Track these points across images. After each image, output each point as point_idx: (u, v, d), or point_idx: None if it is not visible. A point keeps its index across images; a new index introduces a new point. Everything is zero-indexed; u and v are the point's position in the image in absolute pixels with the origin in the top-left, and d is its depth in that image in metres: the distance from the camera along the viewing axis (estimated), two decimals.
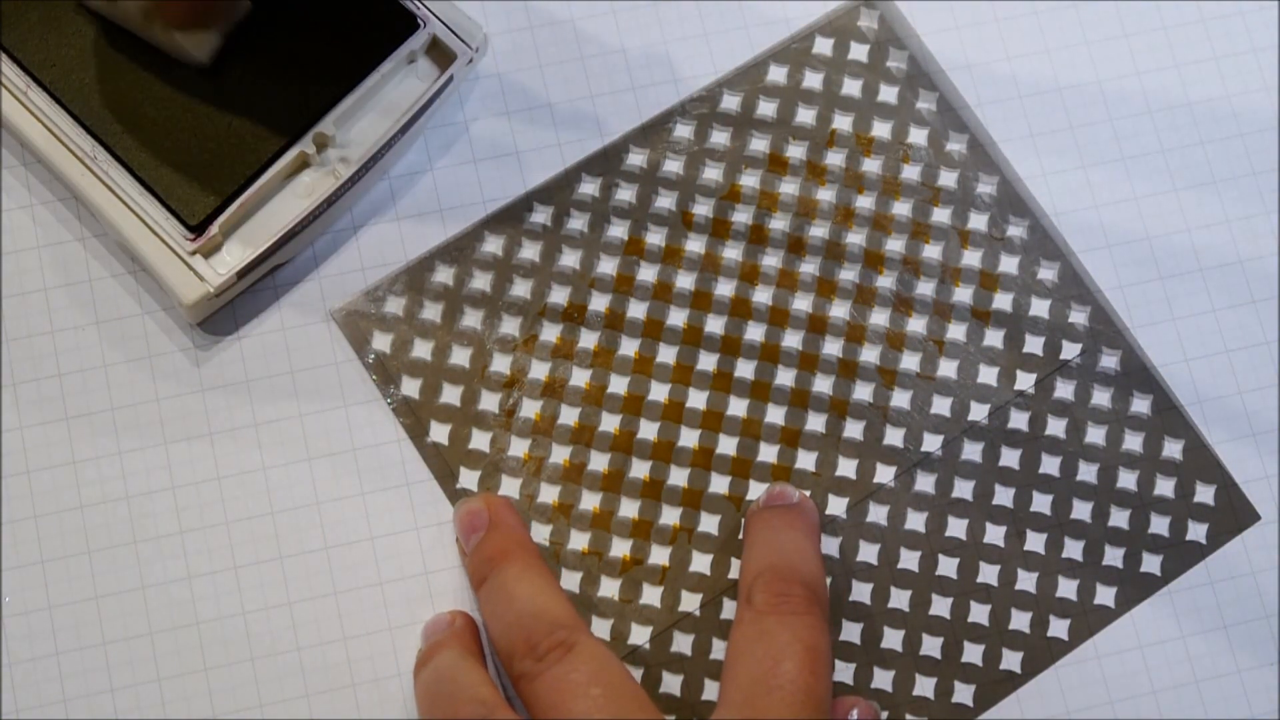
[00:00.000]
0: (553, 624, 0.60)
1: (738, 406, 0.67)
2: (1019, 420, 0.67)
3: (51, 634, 0.63)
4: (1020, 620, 0.65)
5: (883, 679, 0.64)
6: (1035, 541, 0.66)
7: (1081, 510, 0.67)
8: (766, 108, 0.71)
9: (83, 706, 0.63)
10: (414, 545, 0.65)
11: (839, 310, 0.68)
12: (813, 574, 0.61)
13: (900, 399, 0.67)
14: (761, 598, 0.61)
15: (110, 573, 0.64)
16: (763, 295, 0.68)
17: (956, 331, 0.68)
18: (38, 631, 0.63)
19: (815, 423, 0.67)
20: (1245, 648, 0.66)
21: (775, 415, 0.67)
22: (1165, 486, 0.67)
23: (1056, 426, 0.67)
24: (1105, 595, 0.66)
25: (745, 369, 0.68)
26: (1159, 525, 0.67)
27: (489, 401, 0.67)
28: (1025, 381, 0.68)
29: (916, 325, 0.68)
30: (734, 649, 0.60)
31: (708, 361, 0.68)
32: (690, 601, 0.65)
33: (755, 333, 0.68)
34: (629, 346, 0.68)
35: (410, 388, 0.66)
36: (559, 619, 0.60)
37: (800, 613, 0.60)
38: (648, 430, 0.67)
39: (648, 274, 0.68)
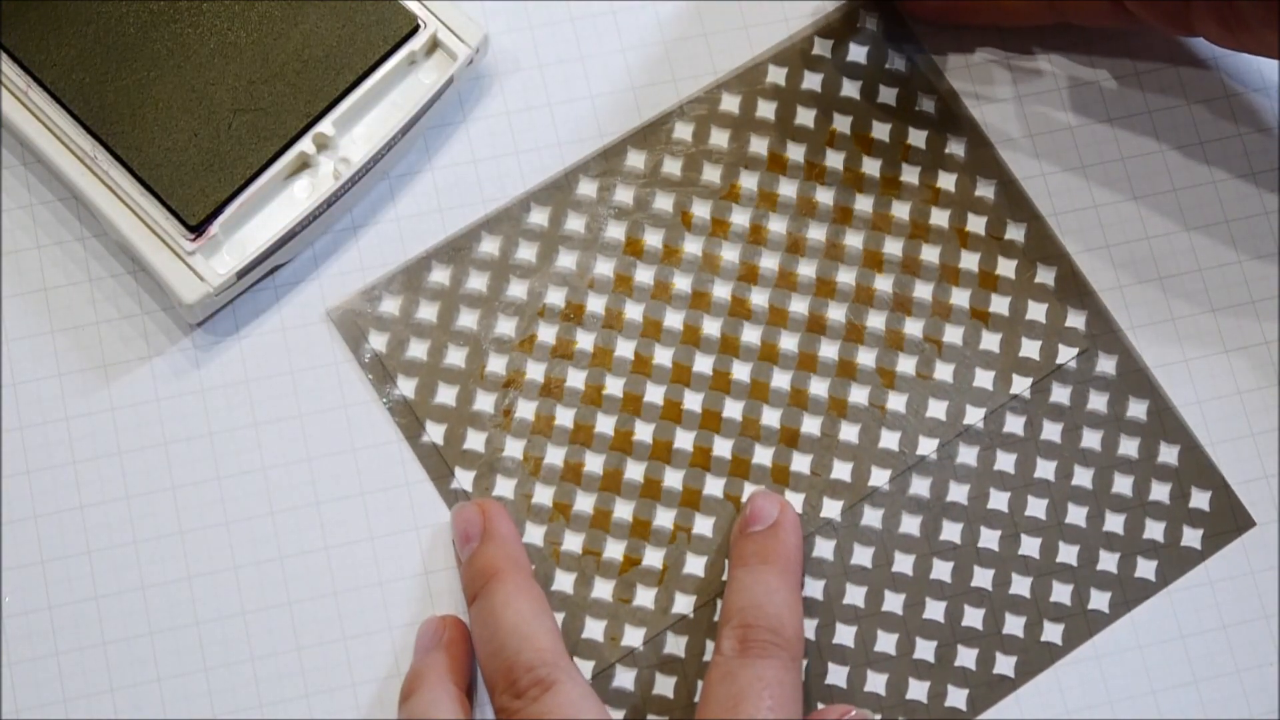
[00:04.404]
0: (534, 659, 0.60)
1: (735, 407, 0.67)
2: (1014, 424, 0.67)
3: (51, 634, 0.64)
4: (1014, 624, 0.65)
5: (876, 682, 0.64)
6: (1030, 545, 0.66)
7: (1076, 515, 0.66)
8: (765, 109, 0.71)
9: (83, 706, 0.63)
10: (414, 545, 0.65)
11: (837, 311, 0.68)
12: (779, 616, 0.62)
13: (896, 402, 0.67)
14: (728, 644, 0.62)
15: (110, 573, 0.64)
16: (761, 296, 0.68)
17: (953, 335, 0.68)
18: (38, 631, 0.64)
19: (812, 425, 0.67)
20: (1245, 648, 0.66)
21: (772, 416, 0.67)
22: (1160, 491, 0.67)
23: (1052, 431, 0.67)
24: (1099, 600, 0.66)
25: (743, 370, 0.68)
26: (1154, 530, 0.67)
27: (485, 402, 0.67)
28: (1021, 385, 0.68)
29: (914, 327, 0.68)
30: (703, 693, 0.61)
31: (705, 362, 0.68)
32: (684, 604, 0.65)
33: (753, 334, 0.68)
34: (627, 347, 0.68)
35: (406, 387, 0.67)
36: (541, 654, 0.61)
37: (764, 656, 0.61)
38: (645, 431, 0.67)
39: (646, 274, 0.69)
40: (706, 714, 0.60)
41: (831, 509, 0.66)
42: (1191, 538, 0.67)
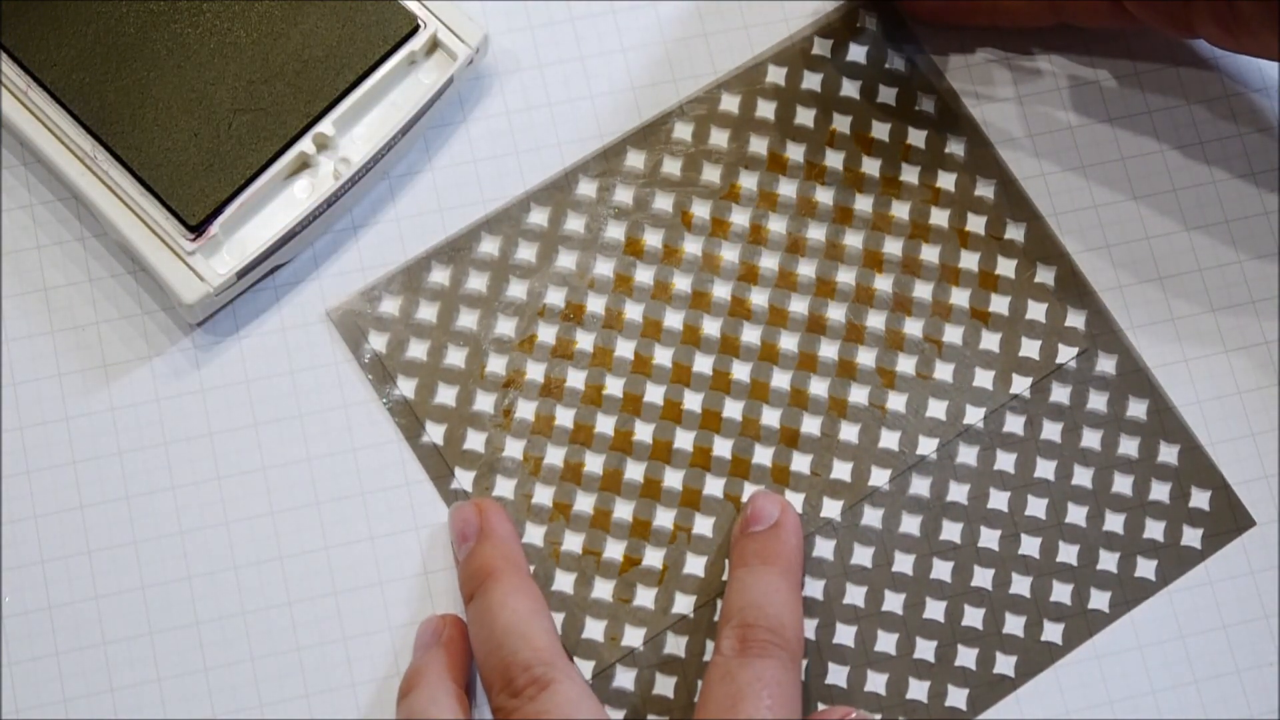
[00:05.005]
0: (530, 658, 0.60)
1: (735, 407, 0.67)
2: (1014, 424, 0.67)
3: (51, 634, 0.64)
4: (1014, 624, 0.65)
5: (876, 682, 0.64)
6: (1030, 545, 0.66)
7: (1076, 514, 0.66)
8: (765, 109, 0.71)
9: (83, 706, 0.63)
10: (414, 545, 0.65)
11: (837, 311, 0.68)
12: (778, 616, 0.62)
13: (896, 402, 0.67)
14: (728, 644, 0.62)
15: (110, 573, 0.64)
16: (761, 296, 0.68)
17: (953, 334, 0.68)
18: (38, 631, 0.64)
19: (811, 425, 0.67)
20: (1245, 648, 0.66)
21: (772, 416, 0.67)
22: (1160, 491, 0.67)
23: (1052, 430, 0.67)
24: (1099, 600, 0.66)
25: (743, 370, 0.68)
26: (1154, 530, 0.67)
27: (485, 402, 0.67)
28: (1021, 385, 0.68)
29: (914, 327, 0.68)
30: (702, 692, 0.61)
31: (705, 362, 0.68)
32: (684, 604, 0.65)
33: (753, 334, 0.68)
34: (627, 347, 0.68)
35: (406, 387, 0.67)
36: (538, 653, 0.61)
37: (764, 656, 0.60)
38: (645, 431, 0.67)
39: (646, 275, 0.69)
40: (705, 714, 0.60)
41: (832, 509, 0.66)
42: (1191, 537, 0.67)
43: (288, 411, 0.67)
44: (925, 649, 0.65)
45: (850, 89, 0.71)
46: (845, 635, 0.65)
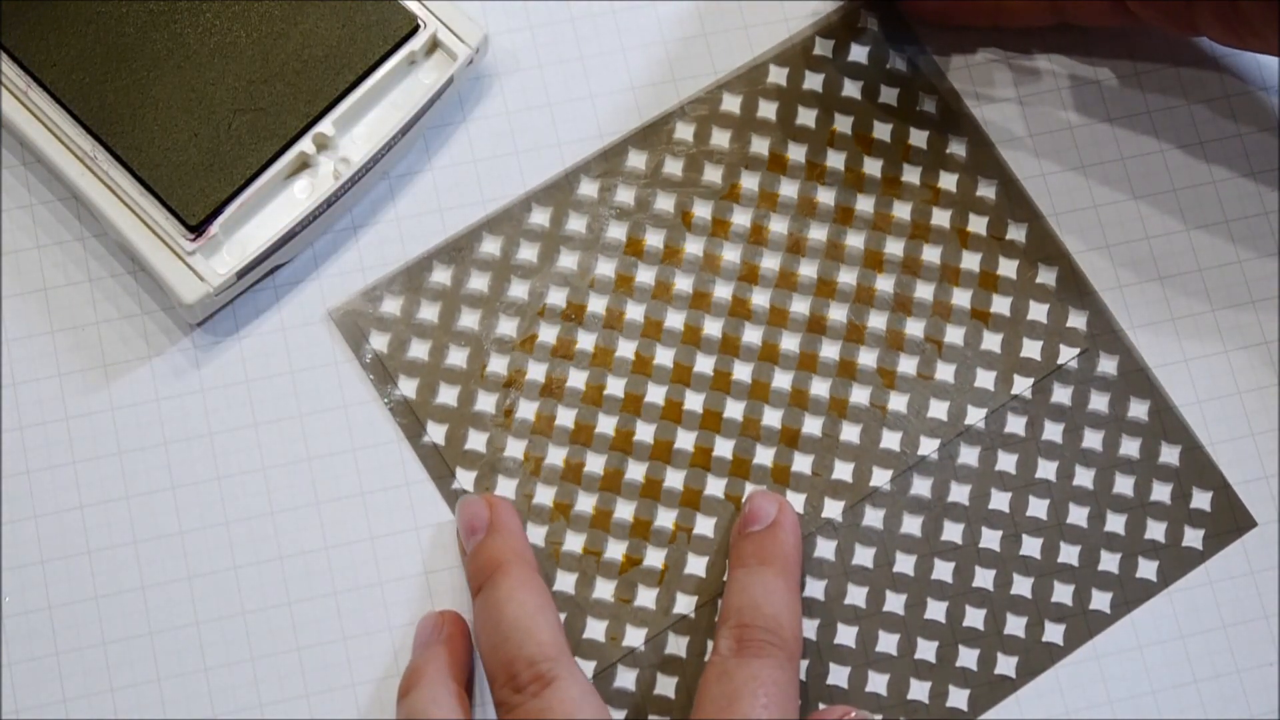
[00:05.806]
0: (535, 653, 0.60)
1: (736, 408, 0.67)
2: (1015, 424, 0.67)
3: (51, 634, 0.64)
4: (1015, 625, 0.65)
5: (877, 682, 0.64)
6: (1031, 546, 0.66)
7: (1078, 515, 0.66)
8: (766, 109, 0.71)
9: (83, 706, 0.63)
10: (414, 545, 0.65)
11: (838, 312, 0.68)
12: (775, 615, 0.62)
13: (897, 403, 0.67)
14: (725, 643, 0.62)
15: (110, 573, 0.64)
16: (762, 296, 0.68)
17: (954, 335, 0.68)
18: (38, 631, 0.64)
19: (812, 425, 0.67)
20: (1245, 648, 0.66)
21: (773, 417, 0.67)
22: (1162, 492, 0.67)
23: (1053, 431, 0.67)
24: (1101, 600, 0.66)
25: (744, 370, 0.68)
26: (1155, 530, 0.67)
27: (486, 402, 0.67)
28: (1022, 385, 0.68)
29: (915, 327, 0.68)
30: (699, 692, 0.61)
31: (706, 363, 0.68)
32: (685, 604, 0.65)
33: (754, 334, 0.68)
34: (628, 347, 0.68)
35: (408, 388, 0.67)
36: (542, 648, 0.60)
37: (760, 655, 0.61)
38: (646, 431, 0.67)
39: (647, 275, 0.68)
40: (701, 713, 0.60)
41: (833, 509, 0.66)
42: (1192, 538, 0.67)
43: (288, 411, 0.67)
44: (926, 649, 0.65)
45: (851, 89, 0.71)
46: (846, 636, 0.65)
